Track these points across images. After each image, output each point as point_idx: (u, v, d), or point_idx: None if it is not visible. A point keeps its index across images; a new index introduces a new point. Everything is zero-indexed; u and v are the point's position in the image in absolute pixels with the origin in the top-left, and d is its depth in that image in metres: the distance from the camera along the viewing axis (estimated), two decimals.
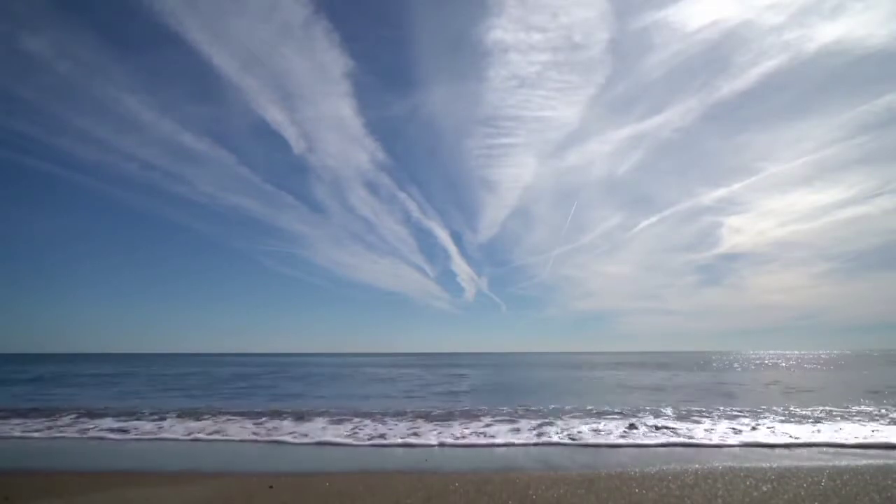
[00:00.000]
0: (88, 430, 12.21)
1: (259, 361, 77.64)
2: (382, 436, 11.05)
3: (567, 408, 15.71)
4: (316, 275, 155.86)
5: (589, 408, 15.71)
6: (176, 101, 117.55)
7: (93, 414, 15.01)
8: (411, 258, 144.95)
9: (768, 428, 11.67)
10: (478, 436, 10.99)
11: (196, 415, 14.61)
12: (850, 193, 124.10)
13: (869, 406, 16.04)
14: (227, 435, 11.38)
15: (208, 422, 13.29)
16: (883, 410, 14.92)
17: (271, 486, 6.83)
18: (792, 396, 19.42)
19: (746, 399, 18.63)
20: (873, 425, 12.05)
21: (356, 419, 13.47)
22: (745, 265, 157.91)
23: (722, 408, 15.62)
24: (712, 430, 11.38)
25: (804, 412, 14.57)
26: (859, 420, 13.04)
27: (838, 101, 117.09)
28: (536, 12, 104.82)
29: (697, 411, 14.81)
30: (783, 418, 13.30)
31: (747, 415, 14.01)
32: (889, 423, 12.38)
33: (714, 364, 58.27)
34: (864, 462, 8.26)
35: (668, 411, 14.82)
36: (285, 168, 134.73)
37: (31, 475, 7.76)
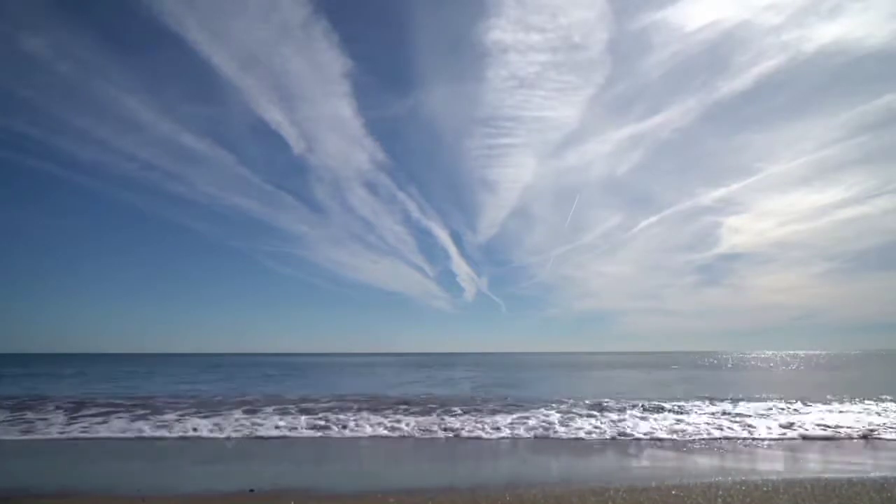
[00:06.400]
0: None
1: (264, 362, 77.45)
2: None
3: None
4: (316, 275, 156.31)
5: None
6: (176, 101, 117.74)
7: None
8: (411, 258, 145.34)
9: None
10: None
11: None
12: (849, 193, 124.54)
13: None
14: None
15: None
16: None
17: None
18: None
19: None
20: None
21: None
22: (745, 265, 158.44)
23: None
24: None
25: None
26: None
27: (837, 101, 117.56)
28: (535, 13, 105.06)
29: None
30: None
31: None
32: None
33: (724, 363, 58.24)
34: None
35: None
36: (285, 168, 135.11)
37: None
